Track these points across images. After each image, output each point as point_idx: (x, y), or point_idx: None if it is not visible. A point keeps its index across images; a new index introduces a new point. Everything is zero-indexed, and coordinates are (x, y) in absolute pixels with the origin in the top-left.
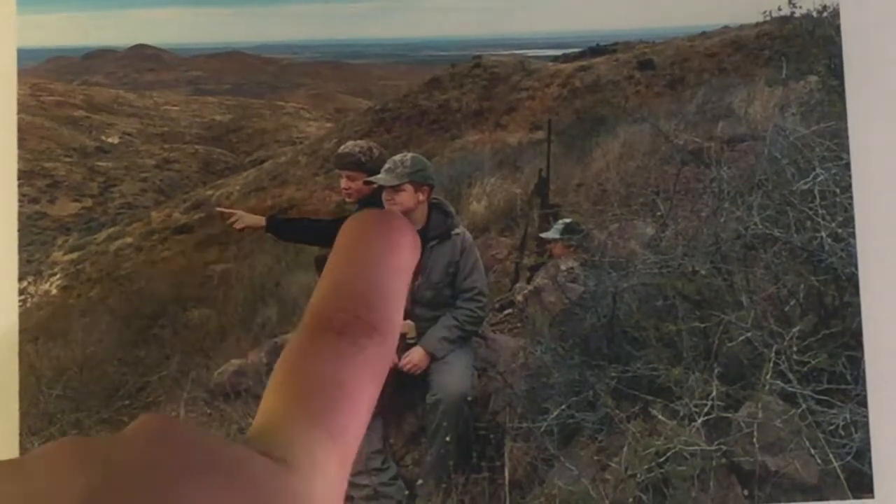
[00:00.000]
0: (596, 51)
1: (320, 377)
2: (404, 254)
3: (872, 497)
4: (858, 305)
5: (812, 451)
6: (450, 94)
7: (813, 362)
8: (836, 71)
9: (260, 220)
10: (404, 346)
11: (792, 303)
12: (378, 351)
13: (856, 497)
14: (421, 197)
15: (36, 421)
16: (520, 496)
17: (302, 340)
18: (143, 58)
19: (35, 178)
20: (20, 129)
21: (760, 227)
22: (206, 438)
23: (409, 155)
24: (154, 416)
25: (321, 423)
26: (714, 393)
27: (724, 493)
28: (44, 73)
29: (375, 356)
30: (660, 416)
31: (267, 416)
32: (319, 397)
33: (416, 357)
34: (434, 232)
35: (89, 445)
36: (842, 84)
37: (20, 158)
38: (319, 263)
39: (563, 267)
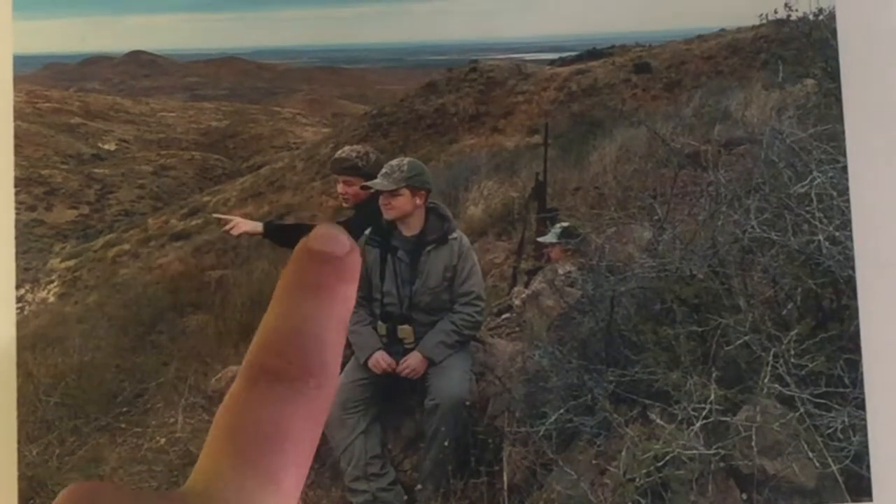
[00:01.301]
0: (592, 54)
1: (256, 423)
2: (338, 298)
3: (871, 500)
4: (856, 308)
5: (810, 455)
6: (446, 98)
7: (811, 365)
8: (832, 74)
9: (257, 226)
10: (402, 350)
11: (790, 306)
12: (314, 394)
13: (854, 500)
14: (418, 201)
15: (34, 428)
16: (518, 500)
17: (239, 388)
18: (140, 64)
19: (32, 186)
20: (17, 136)
21: (758, 230)
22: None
23: (406, 159)
24: (77, 489)
25: (259, 468)
26: (712, 397)
27: (722, 496)
28: (40, 79)
29: (311, 400)
30: (658, 420)
31: (205, 466)
32: (256, 443)
33: (413, 362)
34: (431, 236)
35: None
36: (838, 87)
37: (17, 166)
38: None
39: (560, 271)
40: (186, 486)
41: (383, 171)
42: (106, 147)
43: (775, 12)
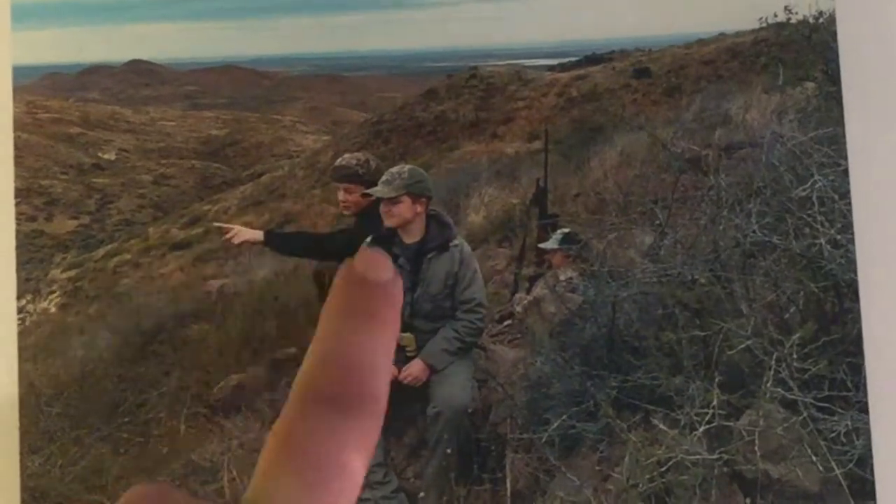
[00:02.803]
0: (592, 60)
1: (315, 450)
2: (388, 325)
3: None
4: (858, 311)
5: (814, 459)
6: (446, 105)
7: (813, 369)
8: (832, 77)
9: (258, 235)
10: (404, 358)
11: (792, 310)
12: (367, 422)
13: None
14: (419, 208)
15: (36, 439)
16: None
17: (295, 411)
18: (139, 73)
19: (32, 196)
20: (17, 147)
21: (759, 234)
22: None
23: (407, 167)
24: (144, 491)
25: (317, 493)
26: (715, 401)
27: (726, 501)
28: (39, 89)
29: (364, 427)
30: (661, 426)
31: (264, 484)
32: (317, 468)
33: (416, 369)
34: (432, 243)
35: None
36: (839, 90)
37: (17, 176)
38: (318, 277)
39: (562, 277)
40: (249, 498)
41: (384, 178)
42: (106, 157)
43: (775, 16)
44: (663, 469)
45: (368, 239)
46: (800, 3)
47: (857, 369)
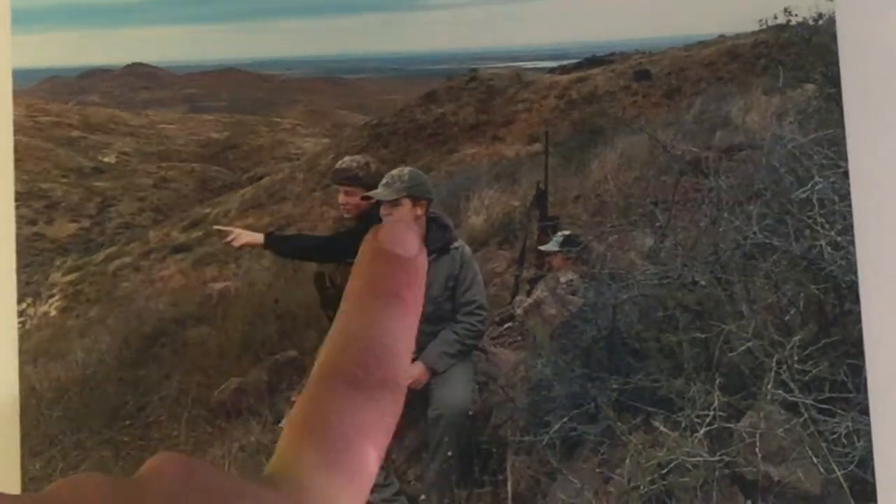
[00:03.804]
0: (592, 62)
1: (339, 424)
2: (412, 306)
3: None
4: (859, 313)
5: (815, 461)
6: (446, 107)
7: (814, 371)
8: (833, 78)
9: (258, 238)
10: None
11: (792, 312)
12: (390, 403)
13: None
14: (419, 211)
15: (37, 443)
16: None
17: (318, 389)
18: (138, 76)
19: (32, 200)
20: (17, 151)
21: (759, 236)
22: (224, 480)
23: (407, 169)
24: (172, 457)
25: (338, 465)
26: (716, 403)
27: (727, 503)
28: (39, 93)
29: (387, 408)
30: (662, 428)
31: (286, 456)
32: (337, 442)
33: (416, 372)
34: (433, 246)
35: (113, 487)
36: (839, 91)
37: (17, 180)
38: (319, 280)
39: (562, 279)
40: (272, 472)
41: (384, 181)
42: (106, 160)
43: (775, 18)
44: (664, 471)
45: None
46: (800, 6)
47: (858, 371)
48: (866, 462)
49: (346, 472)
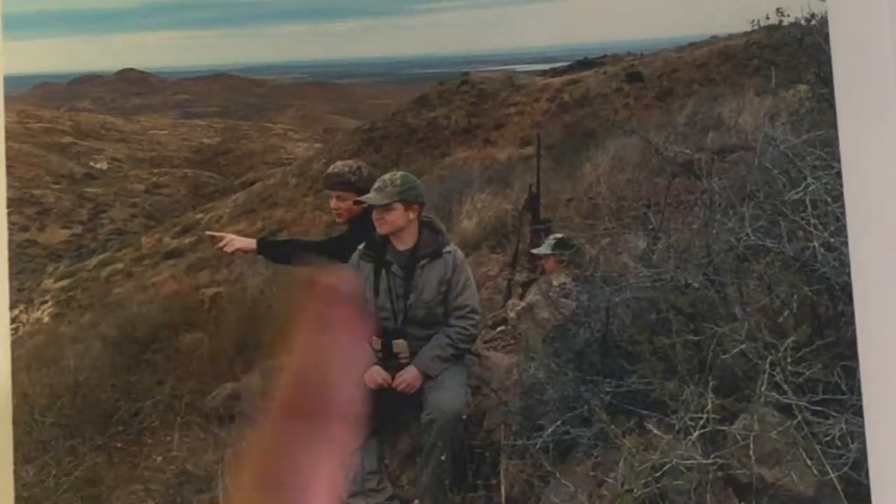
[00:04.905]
0: (584, 64)
1: (294, 466)
2: (347, 331)
3: None
4: (852, 314)
5: (808, 463)
6: (438, 111)
7: (808, 373)
8: (825, 79)
9: (250, 243)
10: (397, 365)
11: (785, 313)
12: (337, 429)
13: None
14: (411, 215)
15: (30, 449)
16: None
17: (272, 428)
18: (130, 82)
19: (24, 206)
20: (8, 157)
21: (752, 237)
22: None
23: (399, 173)
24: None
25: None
26: (709, 406)
27: None
28: (31, 99)
29: (335, 434)
30: (655, 431)
31: (239, 499)
32: (292, 487)
33: (409, 376)
34: (425, 250)
35: None
36: (831, 92)
37: (9, 186)
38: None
39: (555, 283)
40: None
41: (376, 185)
42: (98, 166)
43: (767, 18)
44: (658, 474)
45: (361, 246)
46: (792, 6)
47: (852, 372)
48: (860, 464)
49: None
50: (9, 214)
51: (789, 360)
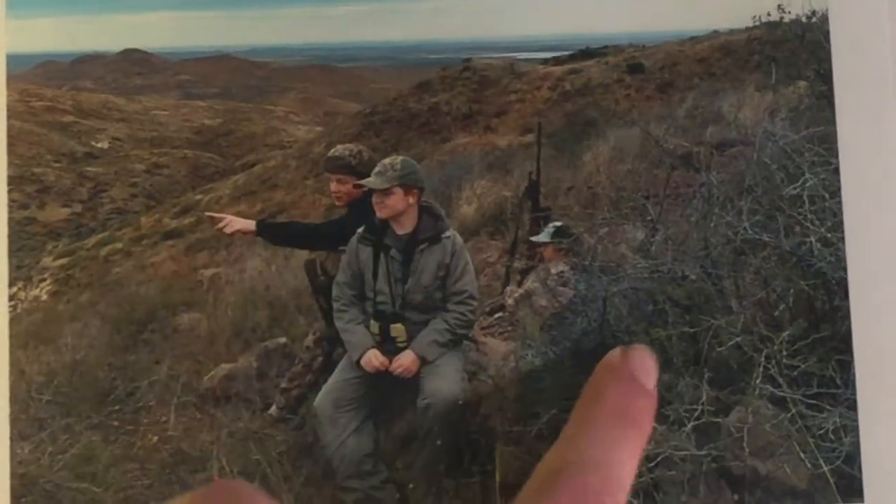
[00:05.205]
0: (586, 54)
1: None
2: (646, 437)
3: (862, 501)
4: (848, 309)
5: (802, 456)
6: (440, 97)
7: (803, 366)
8: (825, 76)
9: (250, 225)
10: (395, 349)
11: (781, 307)
12: None
13: (846, 501)
14: (411, 200)
15: (26, 426)
16: (511, 500)
17: (539, 489)
18: (132, 62)
19: (25, 184)
20: (9, 135)
21: (750, 231)
22: None
23: (399, 158)
24: (227, 486)
25: None
26: (704, 398)
27: (714, 497)
28: (33, 78)
29: None
30: None
31: None
32: None
33: (406, 361)
34: (424, 235)
35: None
36: (831, 89)
37: (10, 164)
38: (309, 267)
39: (553, 270)
40: None
41: (376, 169)
42: (99, 145)
43: (768, 14)
44: (652, 465)
45: (360, 229)
46: (793, 3)
47: (847, 367)
48: (853, 457)
49: None
50: (9, 192)
51: (784, 353)
